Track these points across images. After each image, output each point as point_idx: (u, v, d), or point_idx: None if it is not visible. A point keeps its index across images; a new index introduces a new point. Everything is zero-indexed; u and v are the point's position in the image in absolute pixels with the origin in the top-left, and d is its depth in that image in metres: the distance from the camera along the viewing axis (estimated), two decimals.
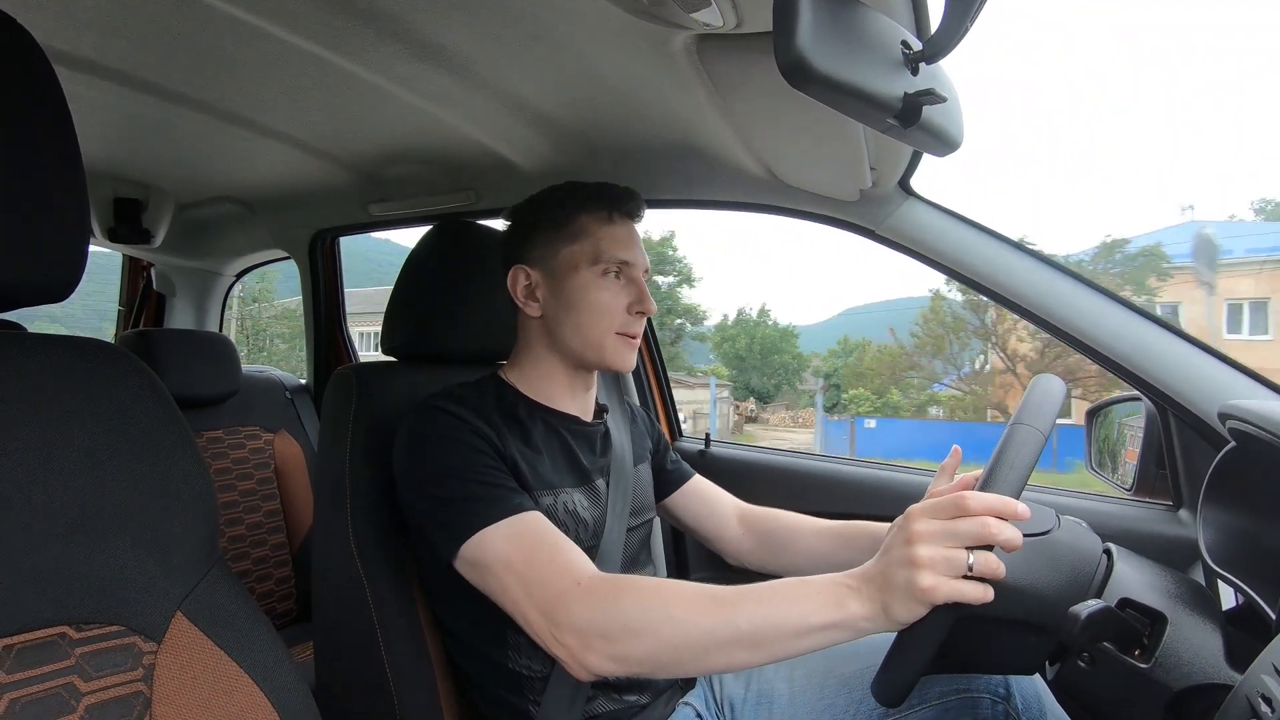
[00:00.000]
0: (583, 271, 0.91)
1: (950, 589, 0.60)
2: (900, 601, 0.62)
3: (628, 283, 0.94)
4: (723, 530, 1.13)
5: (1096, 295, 1.06)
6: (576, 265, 0.92)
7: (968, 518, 0.61)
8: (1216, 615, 0.68)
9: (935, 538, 0.61)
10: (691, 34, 0.78)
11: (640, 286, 0.94)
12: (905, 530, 0.63)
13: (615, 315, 0.92)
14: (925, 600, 0.60)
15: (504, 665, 0.86)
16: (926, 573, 0.60)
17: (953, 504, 0.62)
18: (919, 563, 0.61)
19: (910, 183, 1.12)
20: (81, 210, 0.58)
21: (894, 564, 0.63)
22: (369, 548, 0.88)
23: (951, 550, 0.61)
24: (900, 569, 0.62)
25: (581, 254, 0.92)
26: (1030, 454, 0.66)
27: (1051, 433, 0.69)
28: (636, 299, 0.93)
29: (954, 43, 0.55)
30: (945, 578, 0.60)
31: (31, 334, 0.60)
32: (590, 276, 0.91)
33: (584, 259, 0.91)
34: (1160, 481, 1.13)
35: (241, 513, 1.66)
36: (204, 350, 1.69)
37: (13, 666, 0.51)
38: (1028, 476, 0.66)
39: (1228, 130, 72.91)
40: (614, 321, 0.92)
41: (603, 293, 0.92)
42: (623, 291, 0.93)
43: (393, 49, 0.92)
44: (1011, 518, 0.61)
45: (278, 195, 1.74)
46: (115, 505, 0.58)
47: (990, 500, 0.62)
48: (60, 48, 0.95)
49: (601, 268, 0.91)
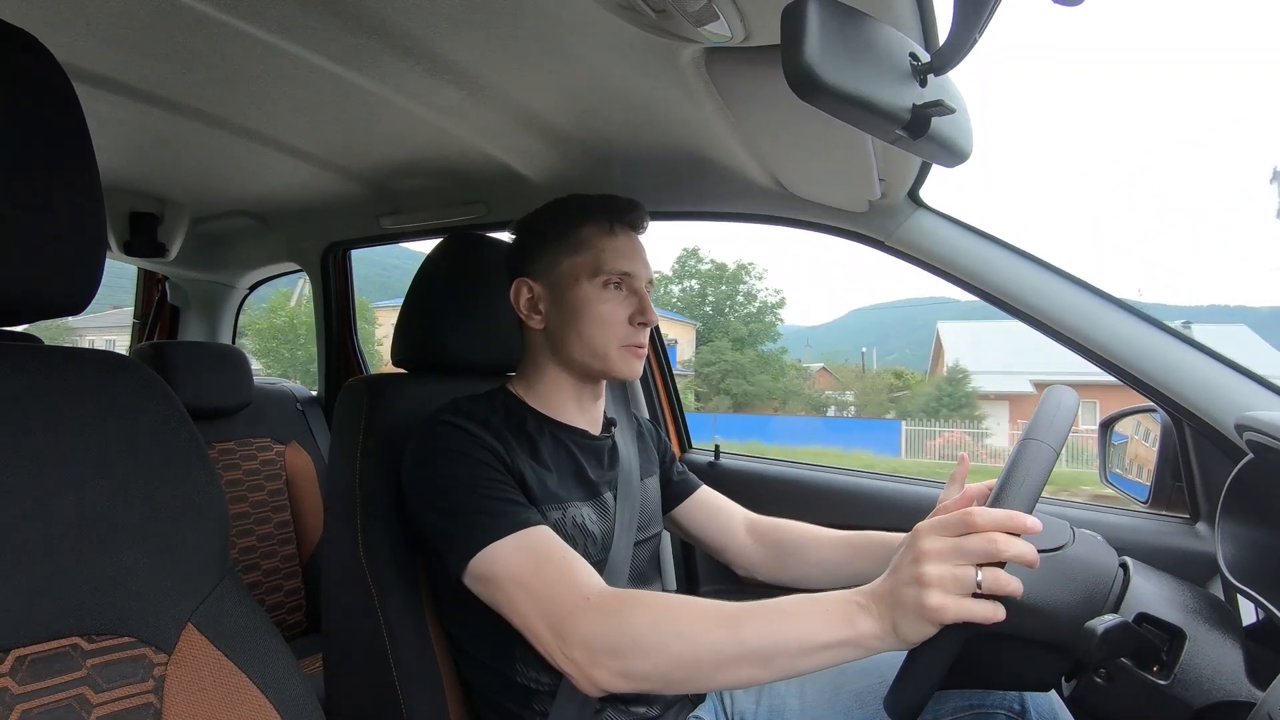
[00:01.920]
0: (584, 284, 0.91)
1: (959, 608, 0.59)
2: (909, 620, 0.61)
3: (629, 294, 0.93)
4: (732, 541, 1.12)
5: (1110, 305, 1.05)
6: (578, 277, 0.92)
7: (975, 534, 0.60)
8: (1236, 631, 0.66)
9: (943, 555, 0.61)
10: (700, 47, 0.78)
11: (642, 298, 0.94)
12: (913, 548, 0.63)
13: (617, 327, 0.92)
14: (934, 620, 0.60)
15: (512, 679, 0.85)
16: (935, 591, 0.60)
17: (960, 520, 0.62)
18: (927, 581, 0.60)
19: (920, 194, 1.12)
20: (98, 224, 0.59)
21: (902, 582, 0.62)
22: (378, 560, 0.88)
23: (960, 568, 0.60)
24: (908, 587, 0.61)
25: (583, 266, 0.91)
26: (1042, 470, 0.66)
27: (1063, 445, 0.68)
28: (638, 310, 0.93)
29: (962, 54, 0.55)
30: (954, 596, 0.59)
31: (47, 346, 0.60)
32: (591, 289, 0.91)
33: (585, 271, 0.91)
34: (1177, 494, 1.11)
35: (252, 524, 1.67)
36: (217, 362, 1.70)
37: (25, 677, 0.51)
38: (1039, 492, 0.65)
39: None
40: (616, 333, 0.92)
41: (604, 305, 0.91)
42: (624, 303, 0.93)
43: (404, 64, 0.93)
44: (1021, 533, 0.61)
45: (290, 208, 1.76)
46: (127, 516, 0.58)
47: (998, 515, 0.61)
48: (79, 65, 0.96)
49: (603, 279, 0.91)
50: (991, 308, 1.12)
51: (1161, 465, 1.11)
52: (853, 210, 1.17)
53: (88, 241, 0.58)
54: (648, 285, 0.96)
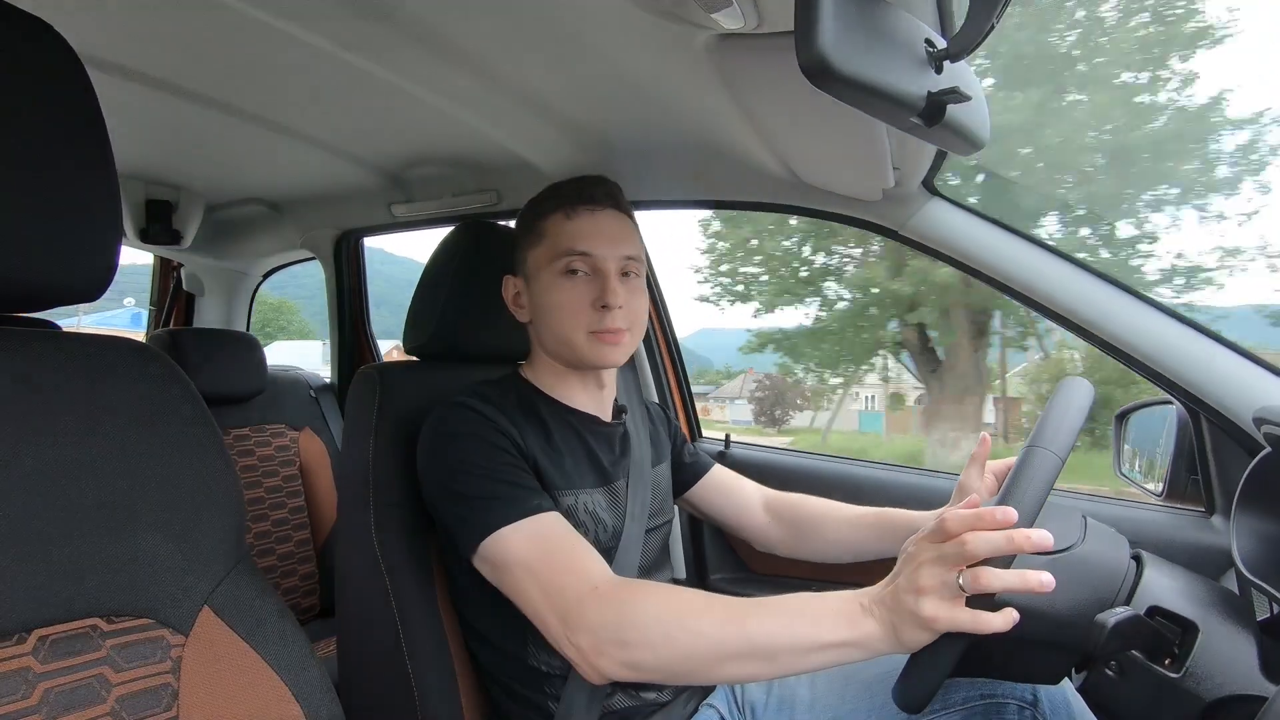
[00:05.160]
0: (544, 273, 0.90)
1: (950, 617, 0.60)
2: (909, 628, 0.62)
3: (590, 276, 0.88)
4: (748, 519, 1.12)
5: (1126, 296, 1.03)
6: (540, 268, 0.91)
7: (950, 540, 0.61)
8: (1250, 625, 0.66)
9: (931, 562, 0.62)
10: (712, 34, 0.78)
11: (605, 279, 0.88)
12: (910, 556, 0.64)
13: (580, 314, 0.87)
14: (930, 629, 0.61)
15: (524, 661, 0.86)
16: (929, 600, 0.61)
17: (937, 528, 0.63)
18: (922, 590, 0.61)
19: (934, 182, 1.11)
20: (114, 212, 0.59)
21: (901, 589, 0.63)
22: (391, 544, 0.89)
23: (946, 573, 0.61)
24: (906, 595, 0.62)
25: (543, 256, 0.90)
26: (1045, 479, 0.65)
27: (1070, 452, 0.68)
28: (598, 294, 0.87)
29: (978, 41, 0.54)
30: (946, 604, 0.60)
31: (66, 332, 0.61)
32: (550, 278, 0.89)
33: (544, 260, 0.90)
34: (1192, 487, 1.10)
35: (267, 509, 1.69)
36: (231, 349, 1.72)
37: (47, 657, 0.52)
38: (1043, 501, 0.65)
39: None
40: (580, 320, 0.88)
41: (562, 293, 0.88)
42: (586, 288, 0.88)
43: (417, 52, 0.93)
44: (1002, 525, 0.60)
45: (304, 196, 1.76)
46: (145, 500, 0.59)
47: (966, 516, 0.62)
48: (95, 54, 0.97)
49: (561, 265, 0.88)
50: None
51: (1177, 458, 1.10)
52: (866, 199, 1.16)
53: (103, 229, 0.59)
54: (627, 263, 0.90)
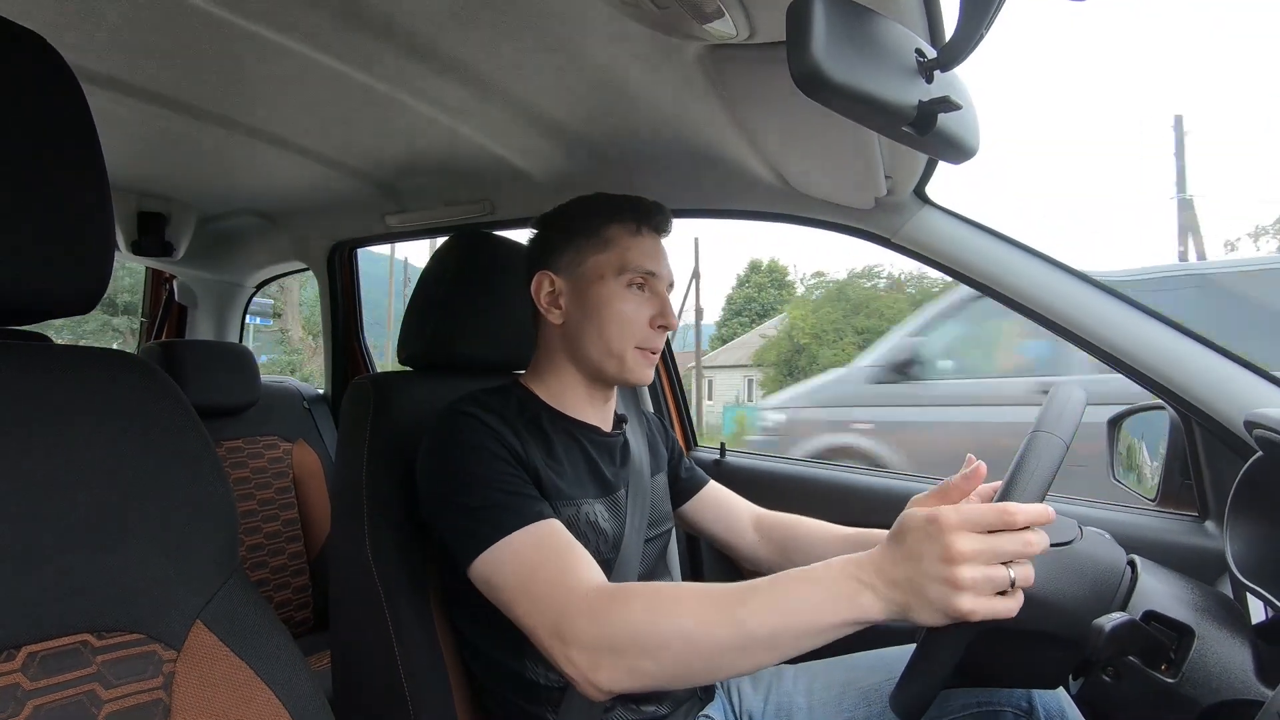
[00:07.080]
0: (608, 281, 0.91)
1: (989, 609, 0.58)
2: (927, 612, 0.60)
3: (651, 295, 0.94)
4: (739, 538, 1.12)
5: (1117, 301, 1.04)
6: (603, 274, 0.92)
7: (1012, 532, 0.59)
8: (1245, 629, 0.66)
9: (979, 557, 0.58)
10: (705, 44, 0.78)
11: (664, 300, 0.94)
12: (940, 543, 0.59)
13: (637, 327, 0.92)
14: (960, 619, 0.58)
15: (521, 675, 0.85)
16: (968, 596, 0.58)
17: (998, 516, 0.59)
18: (961, 585, 0.58)
19: (926, 190, 1.12)
20: (106, 224, 0.59)
21: (929, 578, 0.59)
22: (386, 557, 0.88)
23: (994, 569, 0.58)
24: (935, 585, 0.59)
25: (608, 263, 0.92)
26: (1051, 462, 0.65)
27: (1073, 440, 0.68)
28: (659, 312, 0.93)
29: (969, 50, 0.55)
30: (985, 598, 0.58)
31: (57, 345, 0.61)
32: (615, 286, 0.91)
33: (610, 269, 0.91)
34: (1185, 492, 1.11)
35: (260, 522, 1.68)
36: (224, 361, 1.71)
37: (36, 673, 0.51)
38: (1049, 485, 0.65)
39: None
40: (635, 334, 0.92)
41: (626, 304, 0.91)
42: (646, 304, 0.93)
43: (410, 63, 0.94)
44: (1046, 524, 0.60)
45: (297, 208, 1.76)
46: (137, 514, 0.59)
47: (1033, 512, 0.60)
48: (87, 66, 0.97)
49: (627, 278, 0.91)
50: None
51: (1170, 463, 1.10)
52: (859, 207, 1.17)
53: (96, 241, 0.58)
54: (669, 289, 0.96)
